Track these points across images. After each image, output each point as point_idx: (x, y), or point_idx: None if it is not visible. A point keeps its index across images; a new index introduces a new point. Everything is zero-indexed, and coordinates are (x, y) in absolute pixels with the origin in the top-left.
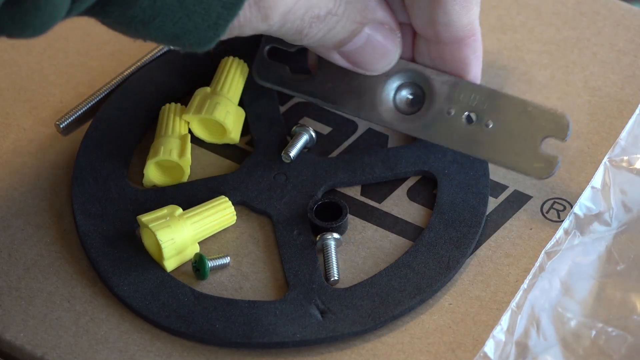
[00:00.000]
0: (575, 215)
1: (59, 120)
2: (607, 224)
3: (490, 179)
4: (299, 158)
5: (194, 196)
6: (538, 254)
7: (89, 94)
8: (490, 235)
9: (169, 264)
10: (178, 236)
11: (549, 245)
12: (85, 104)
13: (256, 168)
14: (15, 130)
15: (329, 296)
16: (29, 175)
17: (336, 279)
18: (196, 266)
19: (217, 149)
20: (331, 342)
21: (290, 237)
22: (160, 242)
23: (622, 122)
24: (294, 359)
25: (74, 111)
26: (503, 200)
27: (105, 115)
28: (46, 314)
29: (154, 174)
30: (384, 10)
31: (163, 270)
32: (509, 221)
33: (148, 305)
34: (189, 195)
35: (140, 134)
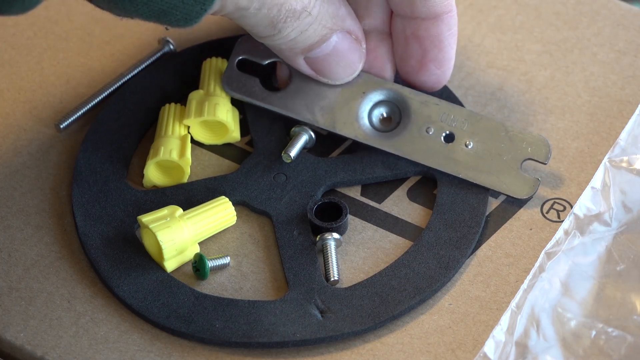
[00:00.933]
0: (575, 215)
1: (59, 120)
2: (607, 224)
3: None
4: (298, 158)
5: (193, 196)
6: (538, 254)
7: (89, 95)
8: (490, 235)
9: (169, 265)
10: (178, 237)
11: (549, 246)
12: (85, 105)
13: (256, 168)
14: (15, 130)
15: (328, 296)
16: (29, 176)
17: (336, 279)
18: (196, 266)
19: (217, 149)
20: (331, 342)
21: (290, 237)
22: (160, 243)
23: (622, 122)
24: (294, 359)
25: (74, 112)
26: (503, 200)
27: (105, 116)
28: (46, 314)
29: (154, 174)
30: (352, 19)
31: (163, 270)
32: (509, 221)
33: (148, 306)
34: (189, 195)
35: (140, 134)
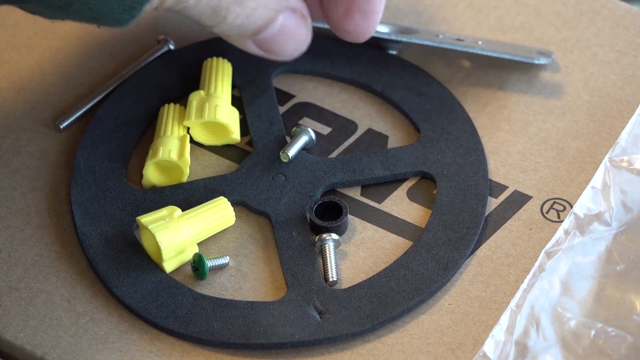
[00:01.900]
0: (575, 215)
1: (58, 120)
2: (607, 224)
3: (490, 179)
4: (297, 158)
5: (192, 196)
6: (538, 254)
7: (89, 95)
8: (490, 236)
9: (168, 265)
10: (177, 237)
11: (549, 245)
12: (85, 105)
13: (255, 168)
14: (15, 130)
15: (327, 297)
16: (29, 176)
17: (335, 279)
18: (195, 266)
19: (217, 149)
20: (330, 343)
21: (289, 238)
22: (159, 244)
23: (622, 122)
24: (293, 359)
25: (74, 112)
26: (503, 200)
27: (104, 116)
28: (46, 314)
29: (153, 174)
30: None
31: (161, 271)
32: (508, 221)
33: (146, 306)
34: (188, 195)
35: (139, 134)
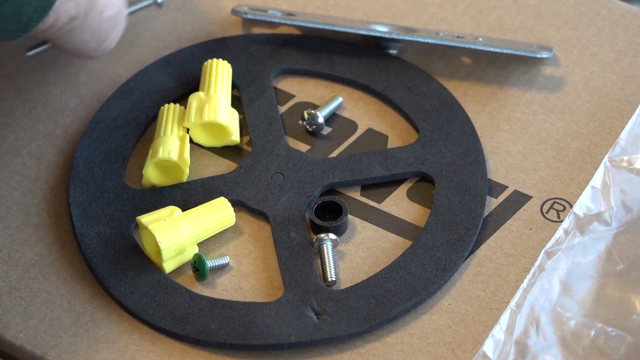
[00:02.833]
0: (575, 215)
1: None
2: (607, 223)
3: (490, 179)
4: (296, 158)
5: (191, 196)
6: (538, 253)
7: (89, 94)
8: (490, 236)
9: (168, 265)
10: (177, 238)
11: (549, 245)
12: None
13: (254, 168)
14: (15, 130)
15: (324, 298)
16: (29, 176)
17: (334, 279)
18: (195, 267)
19: (216, 149)
20: (326, 344)
21: (287, 238)
22: (159, 244)
23: (622, 122)
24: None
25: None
26: (503, 200)
27: (103, 116)
28: (46, 314)
29: (153, 174)
30: None
31: (159, 271)
32: (508, 221)
33: (144, 307)
34: (186, 195)
35: (139, 134)
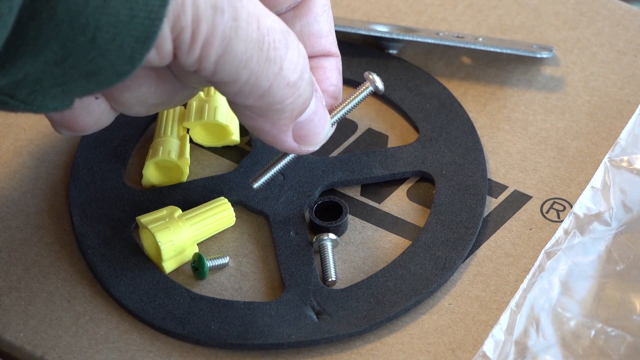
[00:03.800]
0: (575, 215)
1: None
2: (607, 224)
3: (490, 179)
4: (296, 158)
5: (191, 196)
6: (538, 253)
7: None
8: (490, 235)
9: (168, 265)
10: (177, 238)
11: (549, 245)
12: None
13: (254, 168)
14: (15, 130)
15: (324, 297)
16: (28, 176)
17: (334, 279)
18: (195, 266)
19: (216, 149)
20: (326, 344)
21: (287, 238)
22: (159, 244)
23: (622, 122)
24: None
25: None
26: (503, 200)
27: None
28: (46, 314)
29: (153, 174)
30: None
31: (159, 271)
32: (508, 221)
33: (144, 307)
34: (186, 195)
35: (139, 134)
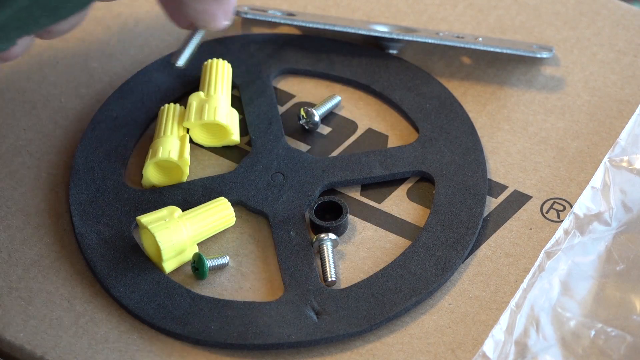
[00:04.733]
0: (575, 215)
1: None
2: (607, 224)
3: (490, 179)
4: (296, 157)
5: (191, 196)
6: (538, 253)
7: (89, 95)
8: (490, 235)
9: (168, 265)
10: (177, 238)
11: (549, 245)
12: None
13: (254, 168)
14: (15, 130)
15: (324, 297)
16: (29, 176)
17: (334, 279)
18: (195, 266)
19: (216, 149)
20: (326, 344)
21: (287, 238)
22: (159, 244)
23: (622, 122)
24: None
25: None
26: (503, 200)
27: (103, 116)
28: (46, 314)
29: (153, 174)
30: None
31: (159, 271)
32: (508, 221)
33: (144, 307)
34: (186, 195)
35: (139, 134)
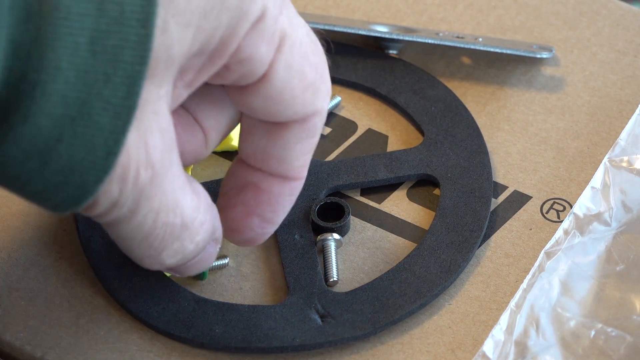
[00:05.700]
0: (575, 215)
1: None
2: (607, 224)
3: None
4: None
5: None
6: (537, 254)
7: None
8: (490, 235)
9: None
10: None
11: (549, 245)
12: None
13: None
14: None
15: (329, 300)
16: None
17: (335, 279)
18: None
19: (217, 153)
20: (331, 347)
21: (292, 240)
22: None
23: (622, 122)
24: None
25: None
26: (503, 200)
27: None
28: (46, 314)
29: None
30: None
31: (163, 274)
32: (508, 221)
33: (148, 310)
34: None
35: None
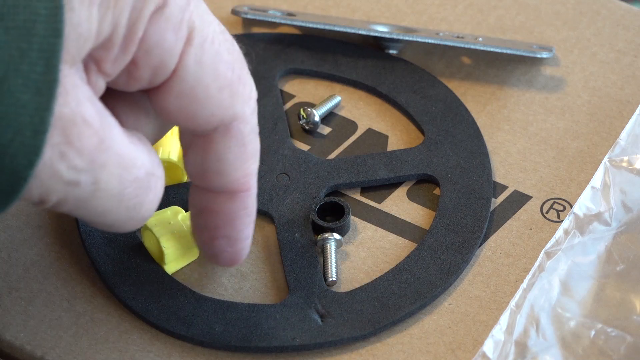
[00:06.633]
0: (575, 215)
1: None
2: (607, 224)
3: None
4: (301, 159)
5: None
6: (538, 253)
7: None
8: (490, 235)
9: (170, 268)
10: (181, 241)
11: (549, 245)
12: None
13: (259, 168)
14: None
15: (329, 300)
16: None
17: (334, 279)
18: None
19: None
20: (330, 347)
21: (292, 240)
22: (163, 248)
23: (622, 122)
24: None
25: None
26: (503, 200)
27: None
28: (46, 314)
29: None
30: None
31: (164, 271)
32: (508, 221)
33: (148, 307)
34: (188, 195)
35: None
